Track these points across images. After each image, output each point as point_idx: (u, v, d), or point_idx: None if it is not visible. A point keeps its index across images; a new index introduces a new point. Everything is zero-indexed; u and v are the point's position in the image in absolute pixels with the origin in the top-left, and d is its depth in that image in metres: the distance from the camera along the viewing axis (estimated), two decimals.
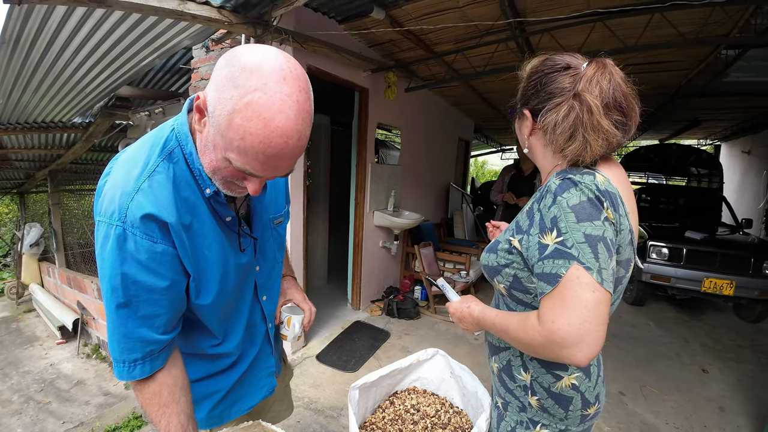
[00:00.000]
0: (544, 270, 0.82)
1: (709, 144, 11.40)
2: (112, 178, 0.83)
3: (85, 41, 2.46)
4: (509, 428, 1.06)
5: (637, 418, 2.83)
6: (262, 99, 0.67)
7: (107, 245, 0.78)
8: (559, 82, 0.90)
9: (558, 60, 0.94)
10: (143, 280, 0.79)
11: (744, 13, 3.16)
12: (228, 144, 0.72)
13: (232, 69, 0.70)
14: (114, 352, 0.84)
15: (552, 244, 0.81)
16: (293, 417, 2.69)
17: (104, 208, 0.80)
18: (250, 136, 0.69)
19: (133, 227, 0.77)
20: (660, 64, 4.47)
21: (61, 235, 5.89)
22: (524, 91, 0.98)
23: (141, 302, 0.80)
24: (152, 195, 0.79)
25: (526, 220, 0.93)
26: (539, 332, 0.80)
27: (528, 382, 1.01)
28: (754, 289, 4.19)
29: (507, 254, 0.96)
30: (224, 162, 0.76)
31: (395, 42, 3.77)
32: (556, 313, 0.78)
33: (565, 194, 0.83)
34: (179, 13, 1.99)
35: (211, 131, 0.75)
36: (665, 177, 7.92)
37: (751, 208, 8.49)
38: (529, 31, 3.44)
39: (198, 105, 0.76)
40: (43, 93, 3.18)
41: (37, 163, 5.48)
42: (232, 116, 0.68)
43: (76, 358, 4.54)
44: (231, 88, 0.69)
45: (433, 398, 1.41)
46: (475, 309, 1.04)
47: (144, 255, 0.79)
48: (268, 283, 1.12)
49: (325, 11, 2.95)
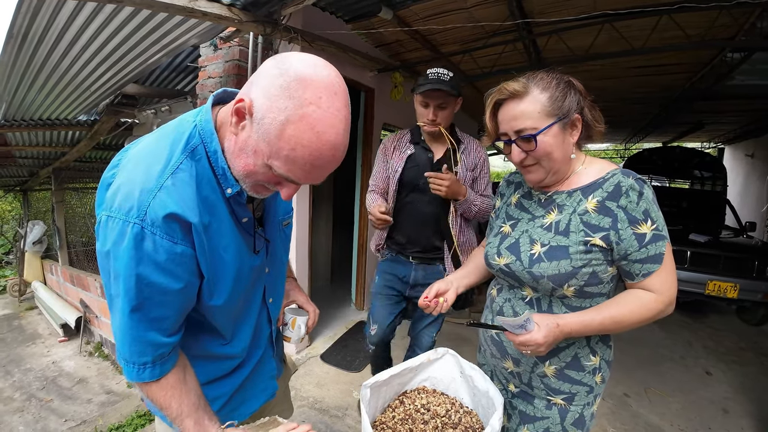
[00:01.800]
0: (648, 254, 1.00)
1: (712, 147, 11.41)
2: (126, 172, 0.79)
3: (92, 38, 2.45)
4: (577, 415, 1.15)
5: (641, 419, 2.83)
6: (317, 113, 0.69)
7: (121, 243, 0.74)
8: (573, 94, 1.05)
9: (553, 74, 1.07)
10: (158, 282, 0.76)
11: (750, 17, 3.16)
12: (275, 152, 0.72)
13: (287, 79, 0.70)
14: (124, 353, 0.82)
15: (650, 232, 0.99)
16: (298, 417, 2.69)
17: (118, 204, 0.75)
18: (301, 147, 0.71)
19: (153, 226, 0.74)
20: (665, 67, 4.47)
21: (64, 232, 5.90)
22: (562, 104, 1.03)
23: (153, 305, 0.78)
24: (176, 194, 0.76)
25: (602, 218, 1.02)
26: (662, 302, 1.02)
27: (597, 363, 1.14)
28: (758, 292, 4.18)
29: (584, 255, 1.03)
30: (264, 168, 0.76)
31: (402, 42, 3.77)
32: (670, 281, 1.02)
33: (645, 190, 0.99)
34: (190, 10, 2.00)
35: (253, 136, 0.74)
36: (669, 180, 7.92)
37: (754, 211, 8.48)
38: (536, 32, 3.44)
39: (240, 108, 0.74)
40: (49, 90, 3.18)
41: (41, 160, 5.48)
42: (285, 126, 0.70)
43: (78, 356, 4.53)
44: (285, 99, 0.69)
45: (443, 398, 1.41)
46: (564, 326, 1.02)
47: (163, 256, 0.75)
48: (275, 285, 1.11)
49: (333, 11, 2.95)
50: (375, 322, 2.11)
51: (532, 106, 1.02)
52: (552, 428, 1.18)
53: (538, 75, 1.05)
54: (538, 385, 1.19)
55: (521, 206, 1.24)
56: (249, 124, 0.74)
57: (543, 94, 1.02)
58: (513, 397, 1.29)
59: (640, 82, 5.14)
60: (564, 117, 1.02)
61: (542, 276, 1.06)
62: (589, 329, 1.04)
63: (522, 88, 1.03)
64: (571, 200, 1.09)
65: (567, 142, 1.06)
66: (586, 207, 1.05)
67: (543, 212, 1.15)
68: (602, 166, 1.10)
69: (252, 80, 0.76)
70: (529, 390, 1.22)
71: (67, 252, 5.83)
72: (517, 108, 1.04)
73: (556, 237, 1.07)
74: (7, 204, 8.75)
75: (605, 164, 1.11)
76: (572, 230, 1.05)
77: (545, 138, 1.03)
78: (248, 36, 2.77)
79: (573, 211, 1.07)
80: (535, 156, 1.06)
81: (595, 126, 1.08)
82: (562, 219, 1.08)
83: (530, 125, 1.02)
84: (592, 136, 1.10)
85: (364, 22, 3.16)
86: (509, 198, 1.31)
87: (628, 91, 5.66)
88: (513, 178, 1.34)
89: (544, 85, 1.03)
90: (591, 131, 1.09)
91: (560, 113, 1.02)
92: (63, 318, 4.91)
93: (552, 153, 1.04)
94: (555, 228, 1.09)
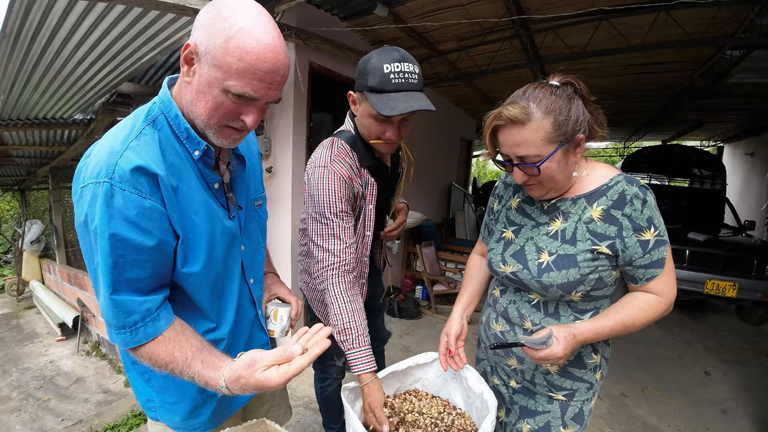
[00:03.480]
0: (652, 259, 1.03)
1: (712, 145, 11.39)
2: (95, 150, 0.83)
3: (85, 36, 2.44)
4: (577, 410, 1.19)
5: (639, 420, 2.81)
6: (251, 24, 0.77)
7: (95, 205, 0.77)
8: (576, 105, 1.01)
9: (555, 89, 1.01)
10: (131, 238, 0.78)
11: (750, 13, 3.13)
12: (226, 70, 0.78)
13: (218, 9, 0.78)
14: (111, 320, 0.82)
15: (653, 238, 1.01)
16: (293, 416, 2.67)
17: (89, 172, 0.79)
18: (247, 54, 0.76)
19: (121, 182, 0.76)
20: (664, 65, 4.45)
21: (62, 232, 5.89)
22: (566, 129, 0.98)
23: (128, 263, 0.79)
24: (141, 150, 0.81)
25: (608, 227, 1.03)
26: (665, 303, 1.07)
27: (598, 361, 1.19)
28: (757, 291, 4.16)
29: (591, 262, 1.05)
30: (222, 96, 0.81)
31: (398, 40, 3.75)
32: (671, 283, 1.06)
33: (648, 197, 1.02)
34: (180, 7, 1.98)
35: (205, 70, 0.79)
36: (668, 178, 7.90)
37: (754, 210, 8.46)
38: (533, 29, 3.42)
39: (186, 55, 0.81)
40: (44, 89, 3.16)
41: (38, 159, 5.47)
42: (228, 43, 0.76)
43: (76, 356, 4.52)
44: (221, 21, 0.76)
45: (435, 400, 1.39)
46: (579, 336, 1.03)
47: (133, 210, 0.78)
48: (253, 264, 1.11)
49: (328, 8, 2.93)
50: (340, 355, 1.89)
51: (535, 134, 0.97)
52: (552, 422, 1.21)
53: (539, 93, 0.99)
54: (541, 381, 1.22)
55: (523, 211, 1.21)
56: (197, 63, 0.81)
57: (546, 120, 0.96)
58: (514, 393, 1.30)
59: (639, 80, 5.12)
60: (568, 141, 0.99)
61: (552, 285, 1.07)
62: (601, 336, 1.07)
63: (522, 115, 0.96)
64: (576, 208, 1.08)
65: (570, 162, 1.04)
66: (591, 215, 1.05)
67: (547, 219, 1.14)
68: (605, 172, 1.09)
69: (191, 33, 0.82)
70: (531, 386, 1.24)
71: (64, 251, 5.82)
72: (519, 135, 0.99)
73: (563, 245, 1.07)
74: (5, 203, 8.75)
75: (607, 169, 1.10)
76: (579, 239, 1.06)
77: (549, 164, 1.00)
78: None
79: (578, 219, 1.07)
80: (538, 180, 1.05)
81: (597, 131, 1.06)
82: (568, 227, 1.08)
83: (533, 153, 0.99)
84: (593, 137, 1.09)
85: (359, 19, 3.14)
86: (509, 201, 1.28)
87: (626, 89, 5.64)
88: (511, 179, 1.28)
89: (546, 107, 0.97)
90: (593, 134, 1.07)
91: (564, 138, 0.98)
92: (61, 317, 4.90)
93: (554, 176, 1.03)
94: (561, 236, 1.09)
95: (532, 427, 1.24)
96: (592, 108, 1.04)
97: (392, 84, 1.26)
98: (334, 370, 1.96)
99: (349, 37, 3.49)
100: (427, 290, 4.86)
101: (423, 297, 4.99)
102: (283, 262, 3.37)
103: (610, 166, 1.13)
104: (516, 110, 0.96)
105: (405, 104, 1.25)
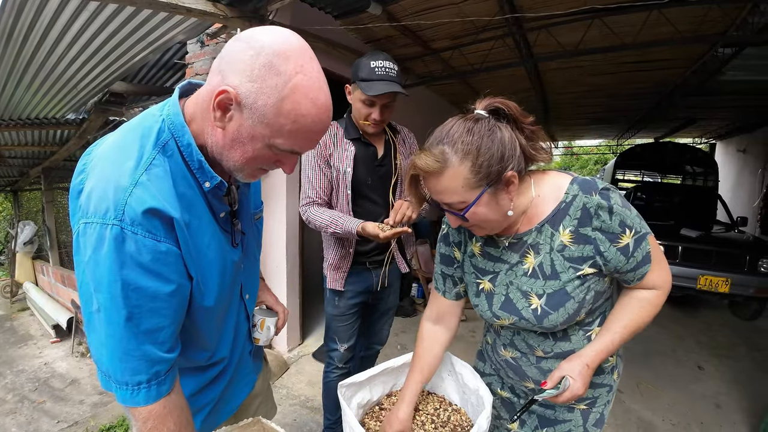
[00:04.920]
0: (638, 260, 0.97)
1: (704, 142, 11.48)
2: (95, 174, 0.74)
3: (78, 36, 2.43)
4: (599, 415, 1.16)
5: (633, 414, 2.83)
6: (306, 81, 0.70)
7: (101, 248, 0.69)
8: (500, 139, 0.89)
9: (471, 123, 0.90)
10: (146, 286, 0.71)
11: (741, 11, 3.16)
12: (276, 131, 0.72)
13: (267, 57, 0.69)
14: (114, 373, 0.74)
15: (631, 240, 0.94)
16: (290, 415, 2.68)
17: (93, 207, 0.70)
18: (302, 117, 0.72)
19: (133, 225, 0.69)
20: (656, 62, 4.48)
21: (55, 233, 5.85)
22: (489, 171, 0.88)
23: (144, 313, 0.72)
24: (153, 188, 0.72)
25: (582, 247, 0.96)
26: (663, 293, 1.04)
27: (615, 362, 1.17)
28: (750, 287, 4.19)
29: (582, 286, 0.98)
30: (265, 150, 0.76)
31: (392, 38, 3.76)
32: (664, 271, 1.03)
33: (612, 201, 0.92)
34: (173, 6, 1.97)
35: (248, 123, 0.72)
36: (660, 175, 7.96)
37: (746, 206, 8.54)
38: (526, 27, 3.43)
39: (222, 101, 0.71)
40: (36, 88, 3.14)
41: (30, 160, 5.43)
42: (281, 103, 0.70)
43: (70, 357, 4.50)
44: (273, 76, 0.69)
45: (430, 397, 1.40)
46: (592, 363, 1.01)
47: (147, 257, 0.70)
48: (250, 281, 1.08)
49: (322, 6, 2.93)
50: (342, 341, 2.04)
51: (454, 182, 0.89)
52: (574, 430, 1.16)
53: (456, 132, 0.89)
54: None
55: (490, 256, 1.10)
56: (238, 113, 0.72)
57: (463, 165, 0.87)
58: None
59: (632, 78, 5.15)
60: (493, 182, 0.89)
61: (555, 325, 1.01)
62: (612, 351, 1.03)
63: (436, 165, 0.88)
64: (543, 236, 1.00)
65: (503, 204, 0.94)
66: (561, 241, 0.97)
67: (518, 257, 1.04)
68: (556, 186, 0.99)
69: (221, 68, 0.73)
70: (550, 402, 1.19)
71: (57, 252, 5.79)
72: (440, 184, 0.91)
73: (548, 283, 1.00)
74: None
75: (557, 181, 1.00)
76: (560, 270, 0.98)
77: (475, 210, 0.92)
78: (235, 32, 2.75)
79: (550, 250, 0.99)
80: (470, 225, 0.98)
81: (538, 155, 0.95)
82: (544, 261, 1.00)
83: (457, 200, 0.91)
84: (535, 160, 0.97)
85: (353, 17, 3.14)
86: (469, 247, 1.15)
87: (619, 87, 5.68)
88: None
89: (463, 150, 0.87)
90: (534, 158, 0.95)
91: (488, 181, 0.89)
92: (55, 319, 4.88)
93: (487, 218, 0.95)
94: (542, 273, 1.01)
95: None
96: (528, 132, 0.93)
97: (376, 75, 1.66)
98: (336, 355, 2.06)
99: (342, 35, 3.49)
100: (422, 288, 4.87)
101: (418, 295, 5.00)
102: (277, 260, 3.37)
103: (557, 173, 1.03)
104: (429, 160, 0.89)
105: (384, 88, 1.65)
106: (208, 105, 0.74)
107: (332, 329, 2.04)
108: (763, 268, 4.22)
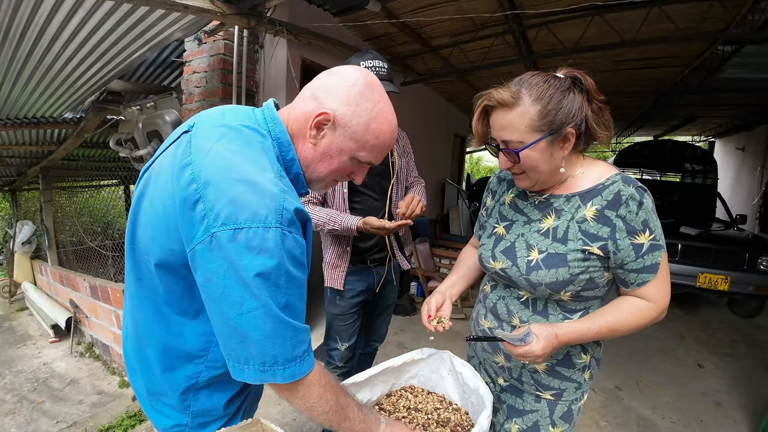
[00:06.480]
0: (645, 264, 1.00)
1: (703, 140, 11.46)
2: (230, 186, 0.78)
3: (74, 33, 2.40)
4: (566, 408, 1.18)
5: (633, 412, 2.83)
6: (385, 107, 0.92)
7: (267, 249, 0.76)
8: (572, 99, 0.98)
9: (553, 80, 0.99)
10: (297, 276, 0.83)
11: (741, 9, 3.15)
12: (362, 145, 0.92)
13: (359, 87, 0.90)
14: (285, 353, 0.80)
15: (647, 242, 0.98)
16: (289, 415, 2.67)
17: (250, 213, 0.75)
18: (383, 134, 0.92)
19: (289, 226, 0.80)
20: (656, 60, 4.47)
21: (53, 232, 5.82)
22: (553, 119, 0.96)
23: (295, 298, 0.83)
24: (291, 194, 0.85)
25: (600, 227, 1.01)
26: (656, 310, 1.04)
27: (587, 361, 1.16)
28: (749, 285, 4.20)
29: (582, 262, 1.03)
30: (348, 162, 0.94)
31: (391, 35, 3.74)
32: (664, 289, 1.03)
33: (645, 199, 0.98)
34: (170, 3, 1.95)
35: (339, 139, 0.91)
36: (660, 173, 7.95)
37: (745, 204, 8.54)
38: (526, 24, 3.42)
39: (320, 121, 0.89)
40: (33, 87, 3.12)
41: (28, 159, 5.41)
42: (370, 123, 0.90)
43: (69, 357, 4.49)
44: (365, 102, 0.89)
45: (431, 396, 1.39)
46: (562, 336, 1.01)
47: (298, 250, 0.82)
48: None
49: (320, 3, 2.91)
50: (343, 340, 2.06)
51: (520, 119, 0.97)
52: (541, 421, 1.19)
53: (534, 80, 0.98)
54: (528, 380, 1.20)
55: (516, 207, 1.19)
56: (330, 131, 0.90)
57: (534, 107, 0.96)
58: (501, 391, 1.29)
59: (631, 76, 5.14)
60: (554, 132, 0.97)
61: (540, 283, 1.05)
62: (585, 338, 1.04)
63: (511, 99, 0.97)
64: (570, 206, 1.06)
65: (556, 156, 1.01)
66: (584, 214, 1.03)
67: (539, 216, 1.12)
68: (602, 171, 1.06)
69: (316, 95, 0.91)
70: (519, 384, 1.23)
71: (56, 252, 5.75)
72: (505, 118, 0.99)
73: (554, 244, 1.05)
74: None
75: (605, 168, 1.07)
76: (570, 238, 1.04)
77: (530, 153, 0.99)
78: (233, 30, 2.73)
79: (571, 218, 1.05)
80: (520, 168, 1.04)
81: (598, 131, 1.01)
82: (560, 225, 1.06)
83: (516, 138, 0.99)
84: (594, 137, 1.04)
85: (351, 14, 3.12)
86: (502, 197, 1.26)
87: (619, 85, 5.67)
88: (505, 174, 1.28)
89: (537, 94, 0.96)
90: (594, 134, 1.02)
91: (550, 128, 0.96)
92: (53, 319, 4.86)
93: (537, 167, 1.01)
94: (553, 234, 1.06)
95: (520, 426, 1.22)
96: (596, 107, 1.00)
97: None
98: (336, 354, 2.08)
99: (340, 32, 3.47)
100: (421, 286, 4.86)
101: (418, 293, 5.00)
102: None
103: (609, 164, 1.10)
104: (505, 93, 0.98)
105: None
106: (304, 124, 0.91)
107: (334, 328, 2.05)
108: (763, 265, 4.22)
